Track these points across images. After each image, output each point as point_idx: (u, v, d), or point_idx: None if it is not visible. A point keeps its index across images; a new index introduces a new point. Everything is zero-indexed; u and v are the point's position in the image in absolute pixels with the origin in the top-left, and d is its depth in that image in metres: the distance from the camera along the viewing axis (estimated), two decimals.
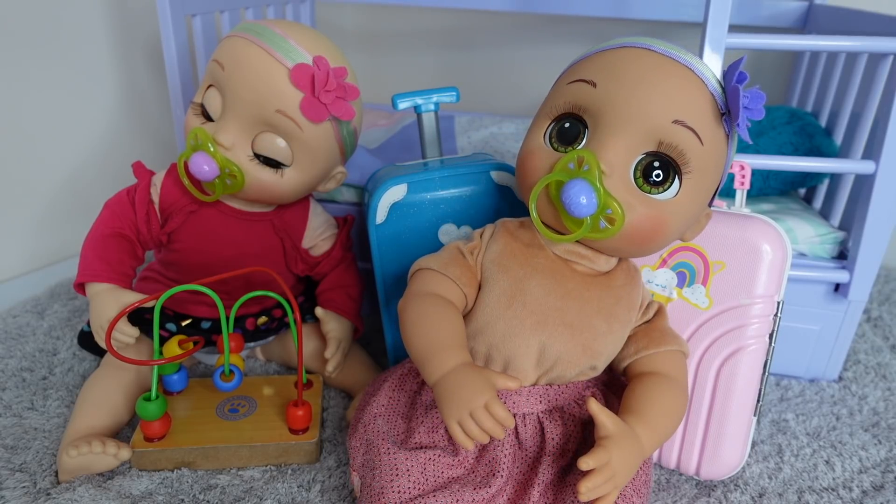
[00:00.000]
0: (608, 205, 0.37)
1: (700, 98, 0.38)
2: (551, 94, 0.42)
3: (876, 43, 0.53)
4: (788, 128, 0.69)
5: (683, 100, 0.38)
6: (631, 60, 0.38)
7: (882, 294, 0.81)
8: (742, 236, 0.47)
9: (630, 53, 0.39)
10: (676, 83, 0.38)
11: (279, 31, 0.48)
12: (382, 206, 0.52)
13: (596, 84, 0.38)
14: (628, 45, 0.39)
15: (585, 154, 0.37)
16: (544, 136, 0.41)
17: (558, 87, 0.42)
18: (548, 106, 0.42)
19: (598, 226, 0.38)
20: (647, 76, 0.38)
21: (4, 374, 0.59)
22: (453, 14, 1.05)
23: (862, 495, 0.49)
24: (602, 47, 0.41)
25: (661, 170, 0.38)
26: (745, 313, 0.47)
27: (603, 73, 0.39)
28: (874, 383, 0.63)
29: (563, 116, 0.40)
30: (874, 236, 0.57)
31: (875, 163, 0.55)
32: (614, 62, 0.39)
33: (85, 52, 0.80)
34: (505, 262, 0.43)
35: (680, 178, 0.39)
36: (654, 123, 0.37)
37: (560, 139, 0.40)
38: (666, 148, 0.38)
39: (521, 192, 0.43)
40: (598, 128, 0.38)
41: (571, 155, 0.38)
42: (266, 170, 0.50)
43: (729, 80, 0.38)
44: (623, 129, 0.38)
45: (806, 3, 0.85)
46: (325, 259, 0.60)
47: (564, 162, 0.38)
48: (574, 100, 0.39)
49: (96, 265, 0.51)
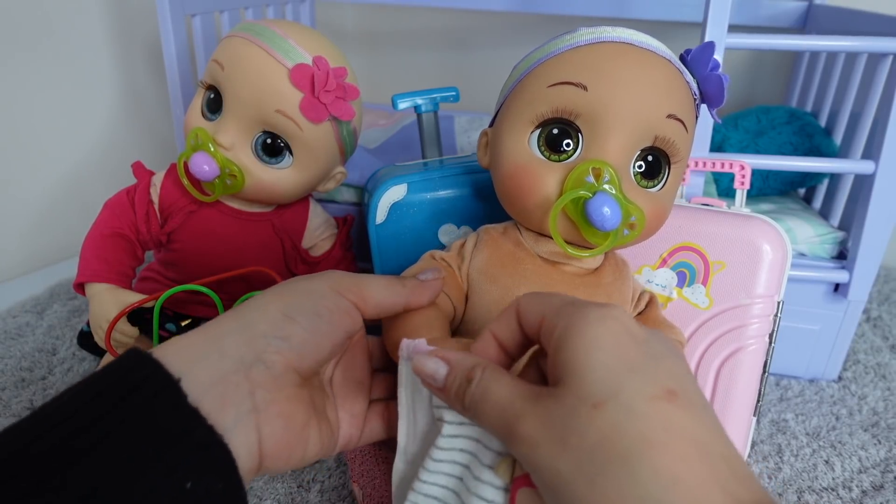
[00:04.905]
0: (631, 212, 0.36)
1: (683, 90, 0.39)
2: (526, 98, 0.39)
3: (875, 43, 0.53)
4: (788, 128, 0.69)
5: (672, 93, 0.38)
6: (616, 58, 0.37)
7: (882, 294, 0.81)
8: (742, 236, 0.47)
9: (611, 50, 0.38)
10: (664, 78, 0.38)
11: (279, 31, 0.48)
12: (382, 205, 0.52)
13: (587, 87, 0.37)
14: (605, 39, 0.38)
15: (600, 164, 0.36)
16: (530, 145, 0.39)
17: (535, 91, 0.39)
18: (525, 111, 0.39)
19: (623, 233, 0.37)
20: (637, 74, 0.37)
21: (4, 374, 0.59)
22: (453, 14, 1.05)
23: (861, 495, 0.49)
24: (574, 42, 0.38)
25: (656, 163, 0.38)
26: (745, 313, 0.47)
27: (590, 74, 0.37)
28: (874, 383, 0.63)
29: (550, 122, 0.38)
30: (874, 236, 0.57)
31: (875, 163, 0.55)
32: (599, 61, 0.37)
33: (84, 52, 0.80)
34: (492, 271, 0.41)
35: (670, 167, 0.39)
36: (651, 121, 0.37)
37: (551, 147, 0.38)
38: (661, 142, 0.38)
39: (516, 210, 0.41)
40: (596, 132, 0.37)
41: (585, 167, 0.36)
42: (266, 170, 0.50)
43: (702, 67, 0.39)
44: (622, 131, 0.37)
45: (805, 3, 0.85)
46: (324, 259, 0.60)
47: (579, 175, 0.36)
48: (562, 104, 0.37)
49: (96, 265, 0.51)
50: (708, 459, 0.21)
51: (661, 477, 0.20)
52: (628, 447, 0.21)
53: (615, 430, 0.21)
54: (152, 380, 0.26)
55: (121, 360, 0.26)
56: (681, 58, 0.40)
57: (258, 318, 0.30)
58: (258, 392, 0.28)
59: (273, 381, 0.29)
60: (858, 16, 0.68)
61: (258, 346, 0.29)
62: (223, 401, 0.27)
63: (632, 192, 0.38)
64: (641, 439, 0.21)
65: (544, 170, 0.38)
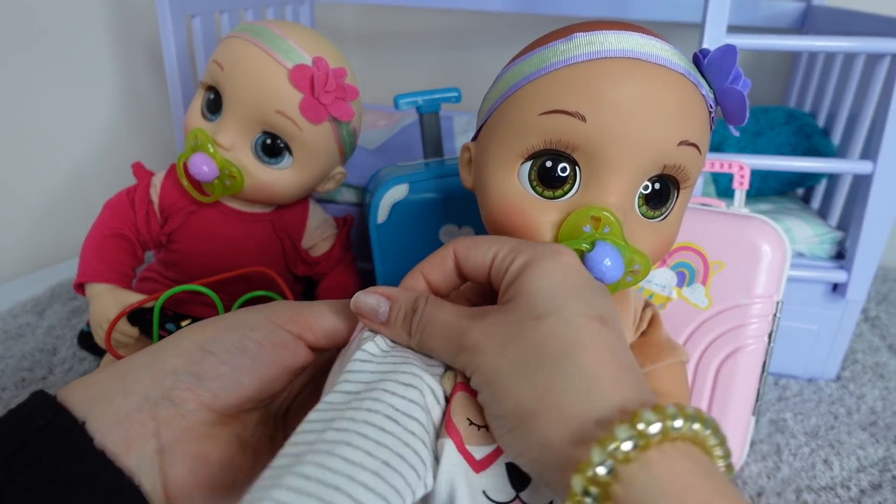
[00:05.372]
0: (635, 261, 0.32)
1: (698, 108, 0.33)
2: (514, 126, 0.33)
3: (873, 44, 0.54)
4: (786, 128, 0.69)
5: (686, 115, 0.32)
6: (620, 79, 0.31)
7: (880, 294, 0.81)
8: (741, 236, 0.47)
9: (614, 68, 0.31)
10: (677, 99, 0.32)
11: (278, 32, 0.48)
12: (384, 205, 0.52)
13: (585, 118, 0.31)
14: (607, 55, 0.32)
15: (600, 212, 0.31)
16: (520, 180, 0.33)
17: (524, 117, 0.33)
18: (513, 142, 0.33)
19: (626, 281, 0.33)
20: (645, 97, 0.31)
21: (4, 374, 0.59)
22: (453, 14, 1.06)
23: (860, 494, 0.50)
24: (570, 58, 0.32)
25: (664, 191, 0.34)
26: (745, 313, 0.47)
27: (589, 100, 0.31)
28: (872, 382, 0.63)
29: (542, 154, 0.33)
30: (872, 236, 0.57)
31: (873, 163, 0.55)
32: (599, 84, 0.31)
33: (84, 53, 0.80)
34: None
35: (678, 193, 0.35)
36: (661, 151, 0.32)
37: (544, 182, 0.33)
38: (670, 170, 0.33)
39: None
40: (596, 169, 0.32)
41: (583, 214, 0.31)
42: (266, 170, 0.50)
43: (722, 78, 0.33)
44: (627, 168, 0.32)
45: (804, 4, 0.86)
46: (324, 259, 0.60)
47: (576, 224, 0.32)
48: (556, 136, 0.32)
49: (96, 265, 0.51)
50: (622, 367, 0.25)
51: (586, 374, 0.24)
52: (562, 349, 0.24)
53: (552, 336, 0.25)
54: (55, 423, 0.25)
55: (23, 405, 0.25)
56: (694, 59, 0.34)
57: (170, 352, 0.28)
58: (164, 432, 0.27)
59: (181, 419, 0.27)
60: (856, 16, 0.69)
61: (166, 382, 0.27)
62: (127, 442, 0.26)
63: (635, 229, 0.33)
64: (574, 343, 0.25)
65: (537, 211, 0.33)
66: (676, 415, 0.22)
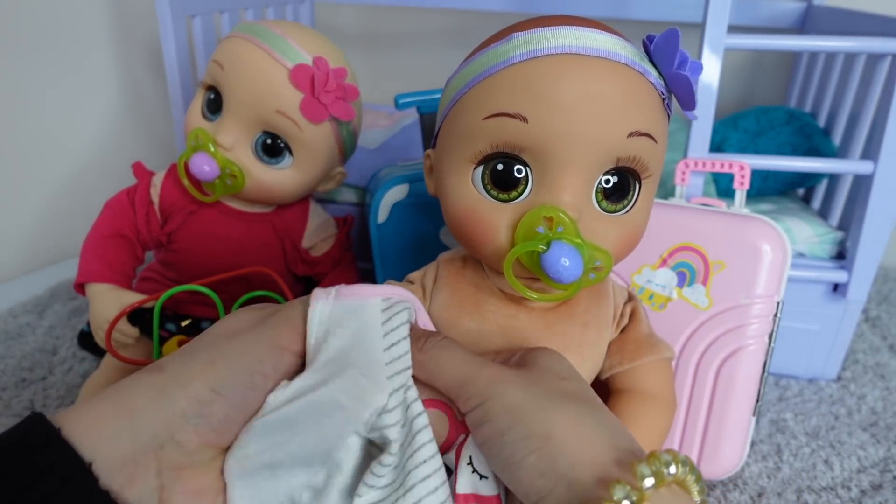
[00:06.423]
0: (595, 257, 0.32)
1: (647, 96, 0.32)
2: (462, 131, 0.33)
3: (874, 43, 0.54)
4: (787, 128, 0.69)
5: (633, 106, 0.31)
6: (559, 76, 0.31)
7: (880, 294, 0.81)
8: (742, 236, 0.47)
9: (552, 66, 0.31)
10: (621, 90, 0.31)
11: (279, 32, 0.48)
12: (384, 205, 0.52)
13: (527, 119, 0.31)
14: (543, 53, 0.31)
15: (552, 212, 0.31)
16: (474, 184, 0.33)
17: (470, 122, 0.33)
18: (462, 147, 0.33)
19: (588, 278, 0.32)
20: (586, 93, 0.30)
21: (4, 374, 0.59)
22: (453, 14, 1.06)
23: (860, 495, 0.50)
24: (508, 59, 0.32)
25: (622, 184, 0.33)
26: (745, 313, 0.47)
27: (529, 101, 0.31)
28: (872, 383, 0.63)
29: (491, 157, 0.32)
30: (872, 236, 0.57)
31: (873, 163, 0.55)
32: (537, 83, 0.31)
33: (85, 53, 0.80)
34: (453, 314, 0.37)
35: (640, 184, 0.34)
36: (610, 144, 0.31)
37: (498, 185, 0.33)
38: (625, 162, 0.32)
39: (470, 251, 0.36)
40: (546, 168, 0.32)
41: (535, 214, 0.31)
42: (266, 170, 0.50)
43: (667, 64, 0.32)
44: (575, 164, 0.31)
45: (804, 4, 0.86)
46: (324, 259, 0.60)
47: (530, 226, 0.31)
48: (502, 139, 0.32)
49: (96, 265, 0.51)
50: None
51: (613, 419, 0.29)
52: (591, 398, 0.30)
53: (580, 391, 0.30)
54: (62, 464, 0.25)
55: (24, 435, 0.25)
56: (644, 46, 0.33)
57: (180, 395, 0.28)
58: (165, 472, 0.27)
59: (184, 458, 0.28)
60: (857, 16, 0.69)
61: (174, 425, 0.27)
62: (131, 481, 0.26)
63: (596, 225, 0.33)
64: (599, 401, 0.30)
65: (493, 215, 0.33)
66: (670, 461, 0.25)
